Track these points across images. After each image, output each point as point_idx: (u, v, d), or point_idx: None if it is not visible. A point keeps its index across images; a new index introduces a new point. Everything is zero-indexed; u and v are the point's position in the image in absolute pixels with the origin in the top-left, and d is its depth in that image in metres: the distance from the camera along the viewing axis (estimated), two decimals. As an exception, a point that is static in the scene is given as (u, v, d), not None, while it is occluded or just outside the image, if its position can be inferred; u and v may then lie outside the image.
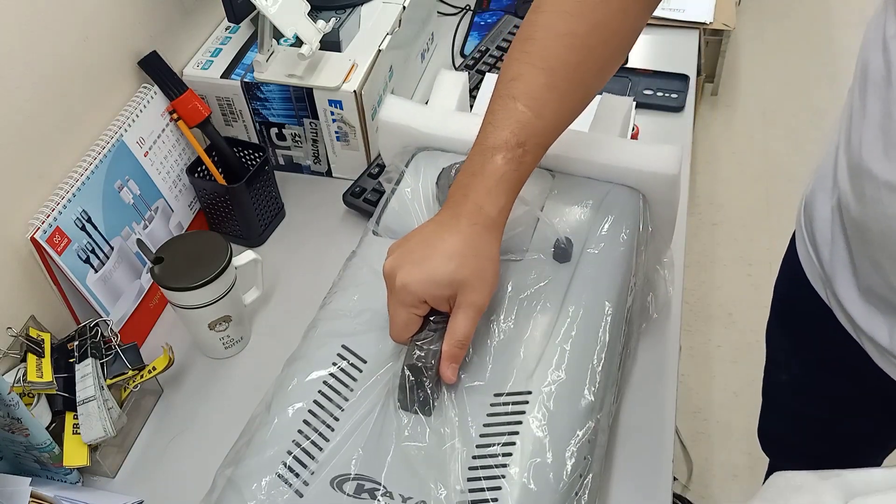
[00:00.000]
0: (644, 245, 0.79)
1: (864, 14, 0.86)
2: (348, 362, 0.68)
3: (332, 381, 0.67)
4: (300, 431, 0.64)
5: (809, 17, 2.75)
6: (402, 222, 0.77)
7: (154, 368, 0.78)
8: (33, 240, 0.76)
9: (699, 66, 1.22)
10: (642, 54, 1.19)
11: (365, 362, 0.68)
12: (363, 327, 0.70)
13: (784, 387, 1.04)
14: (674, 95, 1.10)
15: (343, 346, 0.69)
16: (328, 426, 0.64)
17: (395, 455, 0.62)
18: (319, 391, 0.66)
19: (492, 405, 0.64)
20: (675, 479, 1.49)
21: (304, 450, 0.63)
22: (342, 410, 0.65)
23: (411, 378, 0.63)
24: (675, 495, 1.51)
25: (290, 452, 0.63)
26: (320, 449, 0.63)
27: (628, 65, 1.17)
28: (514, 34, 1.15)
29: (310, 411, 0.65)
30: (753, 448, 1.63)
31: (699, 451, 1.65)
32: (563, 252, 0.72)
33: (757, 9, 2.74)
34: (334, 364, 0.68)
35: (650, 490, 0.72)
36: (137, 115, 0.88)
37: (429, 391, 0.64)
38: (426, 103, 1.08)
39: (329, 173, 1.06)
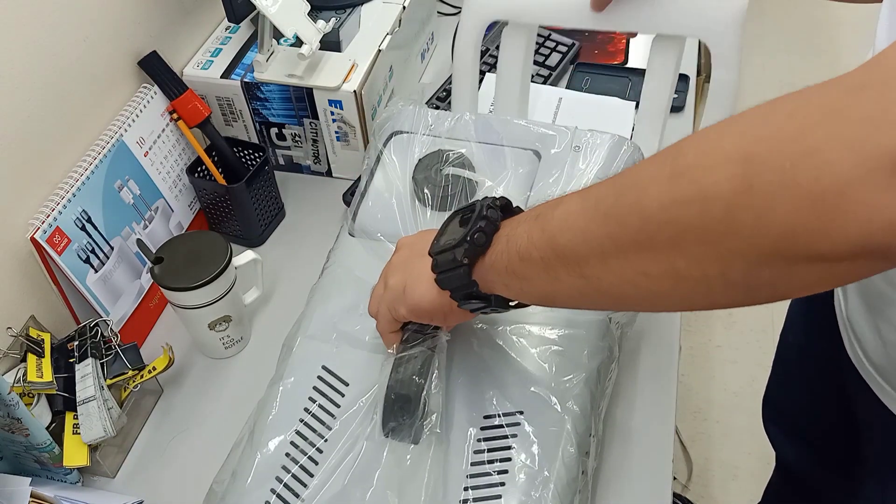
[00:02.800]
0: None
1: (864, 14, 0.86)
2: (330, 386, 0.66)
3: (314, 407, 0.65)
4: (283, 467, 0.62)
5: (809, 17, 2.74)
6: (377, 221, 0.74)
7: (154, 368, 0.78)
8: (33, 240, 0.76)
9: (699, 66, 1.22)
10: (642, 54, 1.19)
11: (347, 385, 0.66)
12: (344, 345, 0.68)
13: (791, 348, 1.03)
14: (674, 95, 1.10)
15: (323, 368, 0.67)
16: (312, 459, 0.62)
17: (383, 485, 0.60)
18: (301, 420, 0.64)
19: (482, 428, 0.62)
20: (674, 478, 1.49)
21: (286, 486, 0.61)
22: (325, 441, 0.63)
23: (397, 404, 0.61)
24: (675, 495, 1.51)
25: (273, 491, 0.61)
26: (304, 485, 0.61)
27: (628, 64, 1.17)
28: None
29: (292, 443, 0.63)
30: (754, 448, 1.63)
31: (699, 451, 1.65)
32: None
33: (757, 9, 2.74)
34: (315, 388, 0.66)
35: (650, 490, 0.72)
36: (137, 115, 0.88)
37: (416, 417, 0.61)
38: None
39: (329, 173, 1.05)
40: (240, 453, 0.66)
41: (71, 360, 0.75)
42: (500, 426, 0.63)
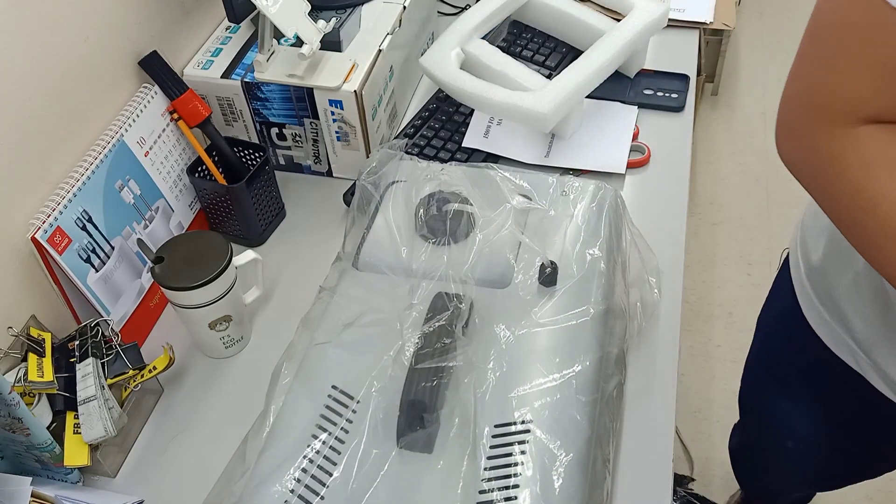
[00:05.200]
0: (624, 254, 0.80)
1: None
2: (340, 403, 0.67)
3: (326, 423, 0.66)
4: (296, 479, 0.63)
5: (809, 17, 2.74)
6: (381, 256, 0.77)
7: (154, 368, 0.78)
8: (34, 239, 0.76)
9: (699, 66, 1.22)
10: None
11: (358, 402, 0.67)
12: (352, 365, 0.69)
13: (791, 451, 1.02)
14: (674, 95, 1.10)
15: (333, 387, 0.68)
16: (326, 471, 0.63)
17: (398, 496, 0.61)
18: (313, 435, 0.65)
19: (493, 437, 0.64)
20: (677, 475, 1.49)
21: (301, 497, 0.62)
22: (339, 454, 0.64)
23: (411, 415, 0.62)
24: (687, 492, 1.50)
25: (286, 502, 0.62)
26: (317, 494, 0.62)
27: (628, 65, 1.17)
28: (514, 34, 1.16)
29: (305, 457, 0.64)
30: (753, 448, 1.63)
31: (699, 450, 1.65)
32: (549, 276, 0.72)
33: (757, 9, 2.74)
34: (327, 406, 0.67)
35: (651, 489, 0.72)
36: (138, 115, 0.88)
37: (429, 427, 0.63)
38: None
39: (329, 173, 1.06)
40: (249, 468, 0.66)
41: (72, 360, 0.75)
42: (513, 433, 0.64)
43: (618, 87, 1.10)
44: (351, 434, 0.65)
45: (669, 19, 1.22)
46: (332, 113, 0.97)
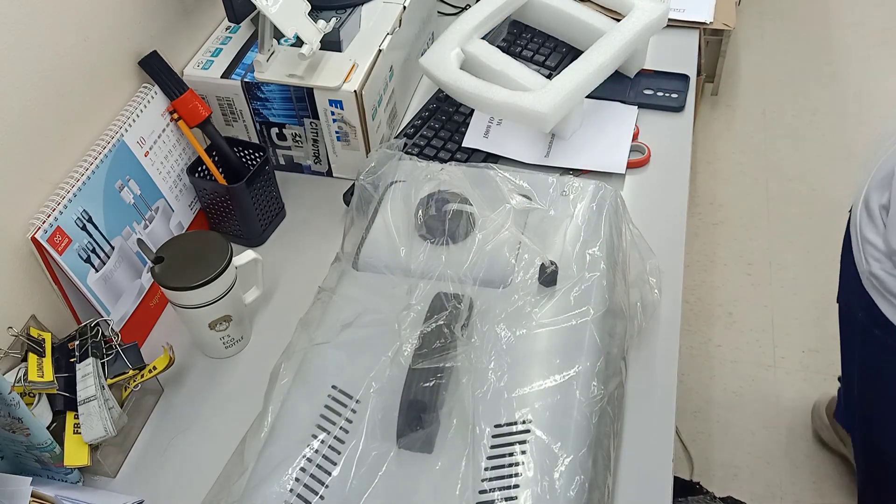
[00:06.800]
0: (624, 254, 0.80)
1: (864, 14, 0.87)
2: (339, 403, 0.67)
3: (325, 423, 0.66)
4: (296, 479, 0.63)
5: (809, 17, 2.74)
6: (380, 256, 0.77)
7: (154, 368, 0.78)
8: (34, 239, 0.76)
9: (699, 66, 1.22)
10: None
11: (357, 402, 0.67)
12: (351, 365, 0.69)
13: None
14: (674, 95, 1.10)
15: (332, 387, 0.68)
16: (325, 471, 0.63)
17: (397, 496, 0.61)
18: (312, 435, 0.66)
19: (494, 437, 0.64)
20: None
21: (300, 496, 0.62)
22: (338, 454, 0.64)
23: (410, 415, 0.63)
24: (691, 483, 1.50)
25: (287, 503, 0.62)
26: (317, 493, 0.62)
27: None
28: (514, 34, 1.16)
29: (303, 455, 0.64)
30: (754, 448, 1.63)
31: (699, 450, 1.65)
32: (549, 276, 0.72)
33: (757, 9, 2.74)
34: (327, 406, 0.67)
35: (651, 490, 0.72)
36: (138, 115, 0.88)
37: (428, 427, 0.63)
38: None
39: (329, 173, 1.06)
40: (249, 471, 0.66)
41: (72, 360, 0.75)
42: (513, 434, 0.64)
43: (618, 87, 1.10)
44: (350, 434, 0.65)
45: (669, 19, 1.22)
46: (332, 113, 0.97)
